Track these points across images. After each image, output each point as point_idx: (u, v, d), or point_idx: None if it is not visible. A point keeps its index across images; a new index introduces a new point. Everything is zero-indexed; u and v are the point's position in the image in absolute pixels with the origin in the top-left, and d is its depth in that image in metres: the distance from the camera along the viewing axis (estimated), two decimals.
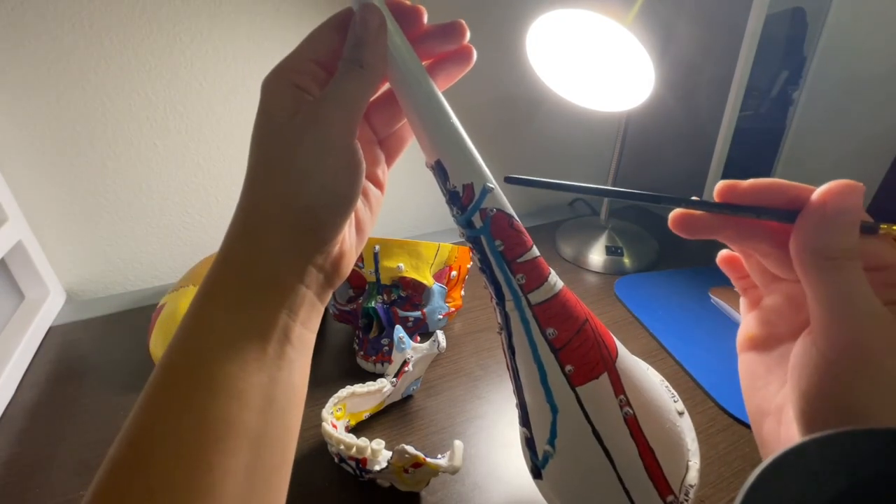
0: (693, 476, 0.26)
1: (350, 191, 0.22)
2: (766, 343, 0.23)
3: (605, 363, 0.24)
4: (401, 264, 0.46)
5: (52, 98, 0.52)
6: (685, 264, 0.69)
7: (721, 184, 0.20)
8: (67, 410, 0.43)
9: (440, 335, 0.41)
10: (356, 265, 0.47)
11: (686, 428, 0.28)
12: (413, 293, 0.49)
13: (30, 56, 0.50)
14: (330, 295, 0.26)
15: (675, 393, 0.30)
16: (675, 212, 0.21)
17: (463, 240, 0.26)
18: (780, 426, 0.21)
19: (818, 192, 0.18)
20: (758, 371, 0.23)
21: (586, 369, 0.24)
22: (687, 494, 0.25)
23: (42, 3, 0.48)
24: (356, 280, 0.51)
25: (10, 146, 0.52)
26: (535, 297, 0.24)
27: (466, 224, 0.25)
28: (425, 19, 0.25)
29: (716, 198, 0.20)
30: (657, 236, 0.75)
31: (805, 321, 0.19)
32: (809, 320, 0.18)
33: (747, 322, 0.24)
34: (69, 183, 0.57)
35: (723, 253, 0.24)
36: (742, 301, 0.24)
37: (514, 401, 0.45)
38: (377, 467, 0.33)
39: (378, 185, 0.28)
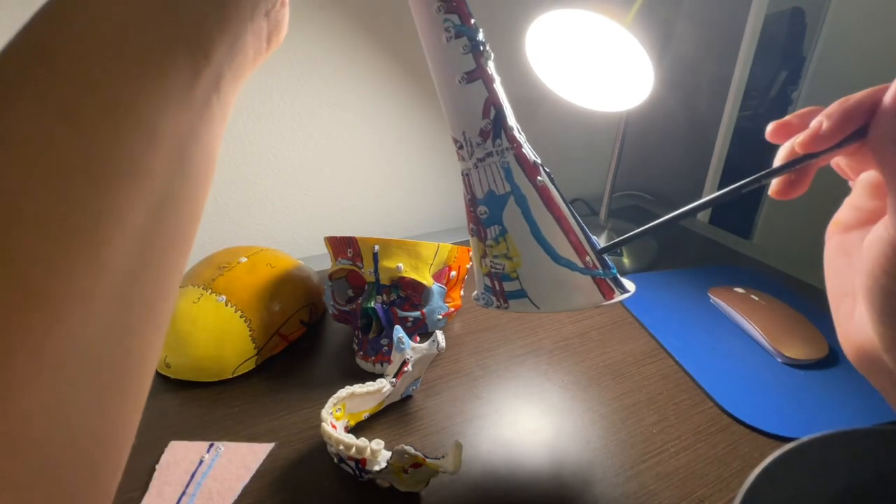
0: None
1: None
2: (851, 227, 0.23)
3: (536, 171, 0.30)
4: (400, 264, 0.46)
5: None
6: (685, 264, 0.69)
7: (773, 126, 0.22)
8: None
9: (439, 335, 0.41)
10: (356, 265, 0.47)
11: None
12: (412, 293, 0.49)
13: None
14: (261, 62, 0.21)
15: None
16: (776, 192, 0.22)
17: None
18: (855, 305, 0.21)
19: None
20: (840, 254, 0.23)
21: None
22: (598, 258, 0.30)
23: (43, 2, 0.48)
24: (355, 280, 0.51)
25: None
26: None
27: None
28: None
29: (772, 138, 0.22)
30: (657, 236, 0.75)
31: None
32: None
33: (840, 209, 0.24)
34: None
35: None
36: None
37: (513, 401, 0.45)
38: (377, 467, 0.33)
39: None
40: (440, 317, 0.49)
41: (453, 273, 0.50)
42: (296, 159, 0.67)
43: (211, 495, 0.34)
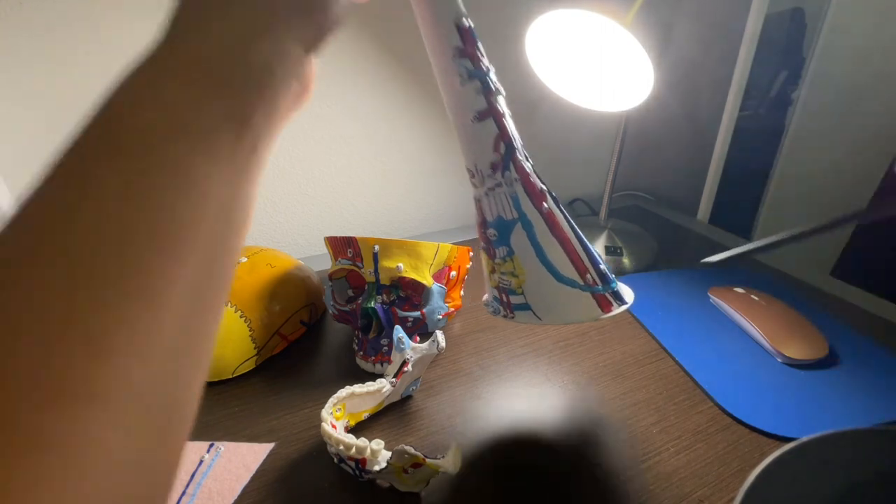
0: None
1: None
2: None
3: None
4: (400, 264, 0.46)
5: (52, 99, 0.52)
6: (685, 264, 0.69)
7: None
8: None
9: (439, 335, 0.41)
10: (356, 265, 0.47)
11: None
12: (412, 293, 0.49)
13: (29, 56, 0.50)
14: (292, 117, 0.23)
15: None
16: None
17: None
18: None
19: None
20: None
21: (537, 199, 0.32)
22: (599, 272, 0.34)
23: (43, 3, 0.48)
24: (355, 280, 0.51)
25: (8, 146, 0.52)
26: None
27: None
28: None
29: None
30: (656, 236, 0.75)
31: None
32: None
33: None
34: None
35: None
36: None
37: (513, 401, 0.45)
38: (376, 467, 0.33)
39: None
40: (440, 317, 0.49)
41: (453, 273, 0.50)
42: (296, 159, 0.67)
43: (211, 495, 0.34)
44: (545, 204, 0.32)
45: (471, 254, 0.53)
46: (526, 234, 0.31)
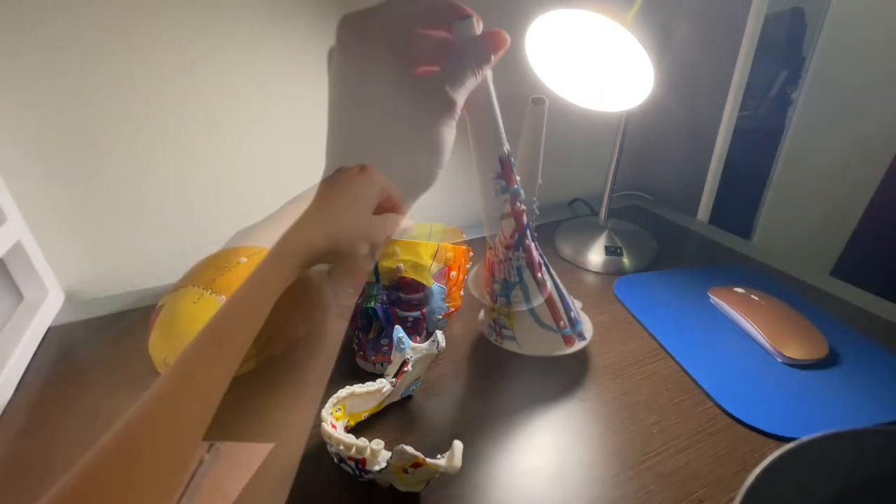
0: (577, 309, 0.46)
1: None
2: None
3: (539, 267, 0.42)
4: (400, 265, 0.46)
5: (51, 98, 0.52)
6: (684, 264, 0.69)
7: None
8: (67, 411, 0.43)
9: (439, 335, 0.41)
10: None
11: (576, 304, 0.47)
12: (412, 293, 0.49)
13: (28, 56, 0.50)
14: None
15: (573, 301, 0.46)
16: None
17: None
18: None
19: None
20: None
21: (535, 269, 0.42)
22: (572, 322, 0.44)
23: (41, 2, 0.48)
24: None
25: (8, 146, 0.52)
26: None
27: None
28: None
29: None
30: (656, 236, 0.75)
31: None
32: None
33: None
34: (68, 183, 0.57)
35: None
36: None
37: (513, 401, 0.45)
38: (376, 467, 0.33)
39: None
40: (440, 317, 0.49)
41: (453, 273, 0.50)
42: (296, 159, 0.67)
43: (211, 495, 0.34)
44: (540, 274, 0.41)
45: (471, 254, 0.53)
46: (522, 295, 0.42)
